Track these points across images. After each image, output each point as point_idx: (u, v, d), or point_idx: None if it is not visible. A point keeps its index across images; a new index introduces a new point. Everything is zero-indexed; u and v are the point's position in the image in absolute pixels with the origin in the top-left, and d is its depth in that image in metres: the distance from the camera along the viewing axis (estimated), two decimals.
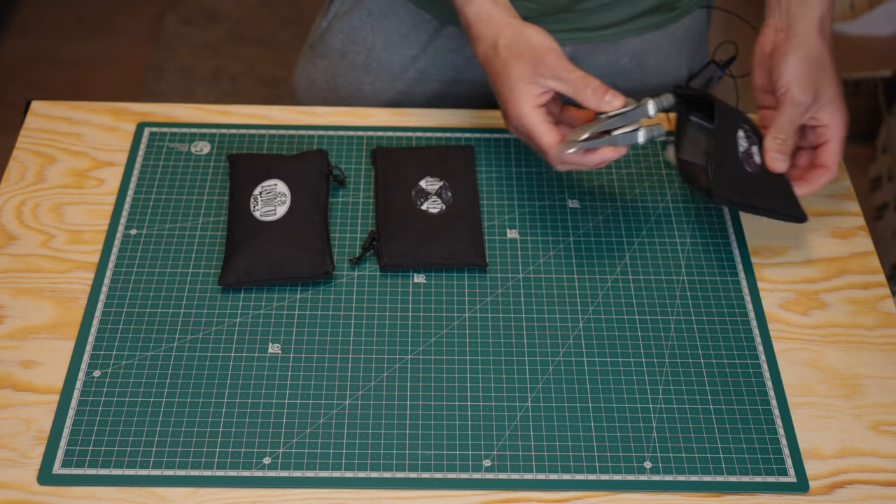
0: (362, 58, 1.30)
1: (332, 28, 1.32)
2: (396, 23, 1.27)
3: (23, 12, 2.86)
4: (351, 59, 1.31)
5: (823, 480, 0.94)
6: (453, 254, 1.07)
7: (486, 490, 0.92)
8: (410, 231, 1.08)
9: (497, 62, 1.05)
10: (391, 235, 1.08)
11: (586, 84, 1.03)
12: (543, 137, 1.04)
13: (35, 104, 1.22)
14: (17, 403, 0.97)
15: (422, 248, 1.07)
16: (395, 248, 1.07)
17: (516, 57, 1.04)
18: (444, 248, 1.07)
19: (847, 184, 1.18)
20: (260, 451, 0.94)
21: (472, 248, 1.08)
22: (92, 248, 1.09)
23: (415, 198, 1.11)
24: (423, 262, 1.06)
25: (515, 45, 1.05)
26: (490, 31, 1.06)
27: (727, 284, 1.08)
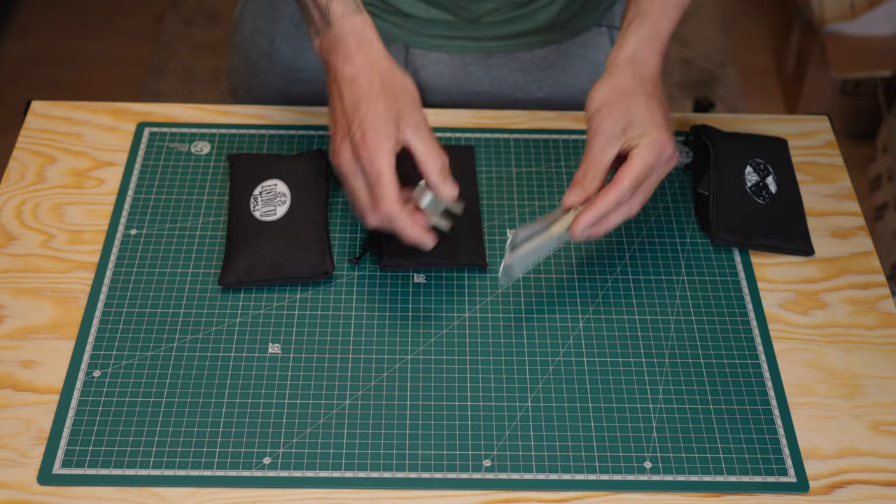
0: (266, 48, 1.29)
1: (243, 17, 1.32)
2: (289, 12, 1.26)
3: (23, 13, 2.86)
4: (259, 50, 1.30)
5: (823, 480, 0.94)
6: (453, 254, 1.07)
7: (486, 490, 0.92)
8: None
9: (365, 89, 0.97)
10: (391, 235, 1.08)
11: (439, 158, 0.97)
12: (391, 183, 0.96)
13: (35, 104, 1.22)
14: (17, 403, 0.97)
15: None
16: (395, 249, 1.07)
17: (389, 95, 0.97)
18: (444, 248, 1.07)
19: (847, 184, 1.18)
20: (260, 451, 0.94)
21: (472, 248, 1.08)
22: (92, 248, 1.09)
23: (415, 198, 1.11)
24: (422, 263, 1.06)
25: (391, 83, 0.98)
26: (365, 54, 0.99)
27: (727, 284, 1.08)
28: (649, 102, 1.00)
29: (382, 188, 0.96)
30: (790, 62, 2.69)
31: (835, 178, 1.19)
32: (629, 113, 0.99)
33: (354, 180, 0.98)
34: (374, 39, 1.00)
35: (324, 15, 0.99)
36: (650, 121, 0.99)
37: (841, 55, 2.43)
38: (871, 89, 2.51)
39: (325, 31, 1.00)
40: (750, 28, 2.91)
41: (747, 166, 1.14)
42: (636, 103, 0.99)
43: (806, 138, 1.23)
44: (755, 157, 1.15)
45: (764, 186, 1.13)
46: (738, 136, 1.17)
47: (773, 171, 1.15)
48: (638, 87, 1.00)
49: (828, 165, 1.20)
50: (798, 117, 1.25)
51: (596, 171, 0.99)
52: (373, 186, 0.96)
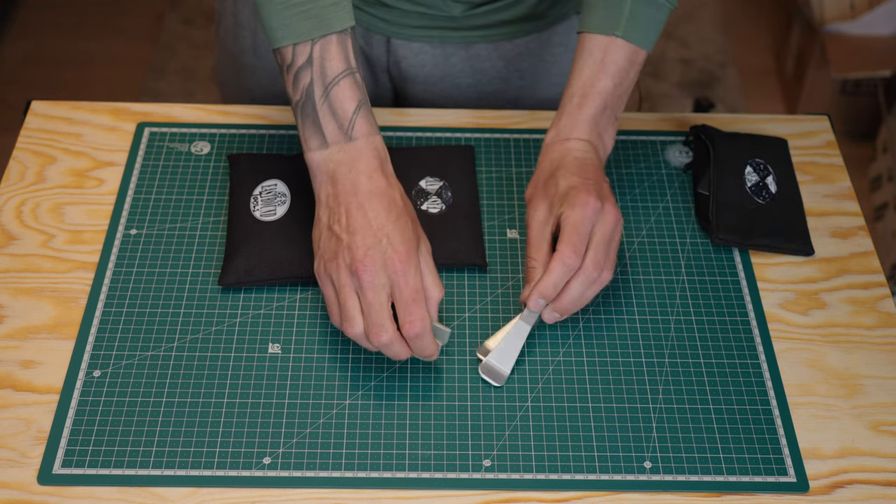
0: (249, 42, 1.29)
1: (224, 11, 1.32)
2: None
3: (23, 13, 2.86)
4: (242, 44, 1.30)
5: (823, 480, 0.94)
6: (453, 254, 1.07)
7: (486, 490, 0.92)
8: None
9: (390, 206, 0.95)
10: None
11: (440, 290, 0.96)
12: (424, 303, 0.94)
13: (35, 104, 1.22)
14: (17, 403, 0.97)
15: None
16: None
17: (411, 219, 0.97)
18: (444, 248, 1.07)
19: (847, 184, 1.18)
20: (260, 451, 0.94)
21: (472, 248, 1.08)
22: (92, 248, 1.09)
23: (415, 198, 1.11)
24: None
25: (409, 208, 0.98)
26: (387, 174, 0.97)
27: (727, 284, 1.08)
28: (567, 175, 1.01)
29: (420, 305, 0.93)
30: (790, 62, 2.69)
31: (835, 178, 1.19)
32: (549, 195, 1.01)
33: (377, 294, 0.93)
34: (389, 161, 0.98)
35: (344, 130, 0.96)
36: (568, 189, 0.99)
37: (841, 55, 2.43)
38: (871, 89, 2.51)
39: (342, 145, 0.96)
40: (750, 28, 2.92)
41: (747, 166, 1.14)
42: (553, 183, 1.01)
43: (806, 138, 1.23)
44: (755, 157, 1.15)
45: (764, 186, 1.13)
46: (738, 136, 1.18)
47: (773, 171, 1.15)
48: (556, 168, 1.02)
49: (828, 165, 1.20)
50: (798, 117, 1.25)
51: (539, 256, 1.00)
52: (410, 303, 0.93)
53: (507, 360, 1.00)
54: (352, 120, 0.97)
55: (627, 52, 1.04)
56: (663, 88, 2.72)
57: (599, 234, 0.98)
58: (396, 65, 1.27)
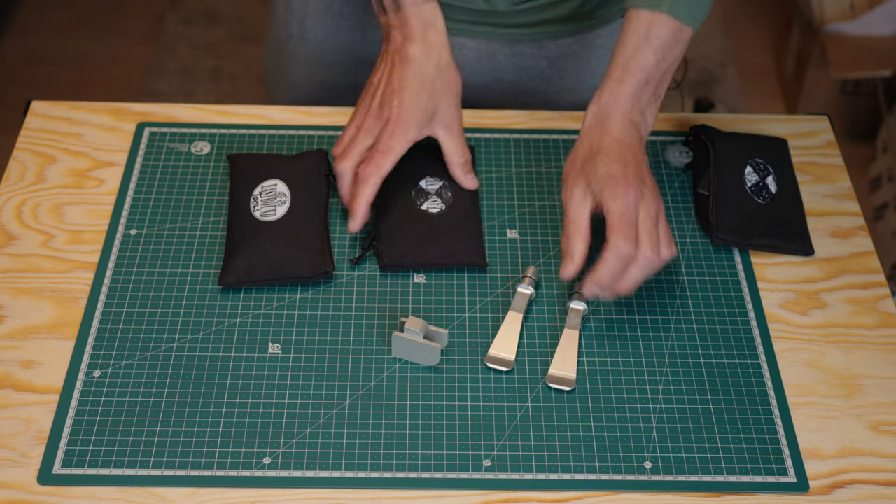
0: (297, 28, 1.32)
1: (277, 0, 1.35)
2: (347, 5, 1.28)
3: (23, 13, 2.86)
4: (290, 29, 1.33)
5: (823, 480, 0.94)
6: (453, 254, 1.07)
7: (486, 490, 0.92)
8: (410, 231, 1.08)
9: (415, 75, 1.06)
10: (391, 235, 1.08)
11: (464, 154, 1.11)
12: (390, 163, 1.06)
13: (35, 104, 1.22)
14: (17, 403, 0.97)
15: (421, 248, 1.07)
16: (395, 249, 1.07)
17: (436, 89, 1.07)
18: (444, 248, 1.07)
19: (847, 184, 1.18)
20: (260, 451, 0.94)
21: (471, 249, 1.08)
22: (92, 248, 1.09)
23: (415, 197, 1.11)
24: (422, 263, 1.06)
25: (441, 76, 1.08)
26: (428, 40, 1.07)
27: (727, 284, 1.08)
28: (607, 161, 1.00)
29: (381, 163, 1.06)
30: (790, 62, 2.69)
31: (835, 178, 1.19)
32: (587, 176, 1.01)
33: (365, 134, 1.07)
34: (438, 29, 1.07)
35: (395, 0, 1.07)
36: (608, 177, 0.99)
37: (841, 55, 2.43)
38: (871, 89, 2.51)
39: (395, 13, 1.07)
40: (750, 28, 2.91)
41: (747, 166, 1.14)
42: (592, 165, 1.01)
43: (806, 138, 1.23)
44: (755, 157, 1.15)
45: (764, 186, 1.13)
46: (738, 136, 1.18)
47: (773, 171, 1.15)
48: (597, 151, 1.01)
49: (828, 165, 1.20)
50: (798, 117, 1.25)
51: (577, 233, 1.00)
52: (375, 153, 1.06)
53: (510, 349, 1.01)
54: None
55: (672, 27, 1.04)
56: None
57: (645, 219, 0.99)
58: None
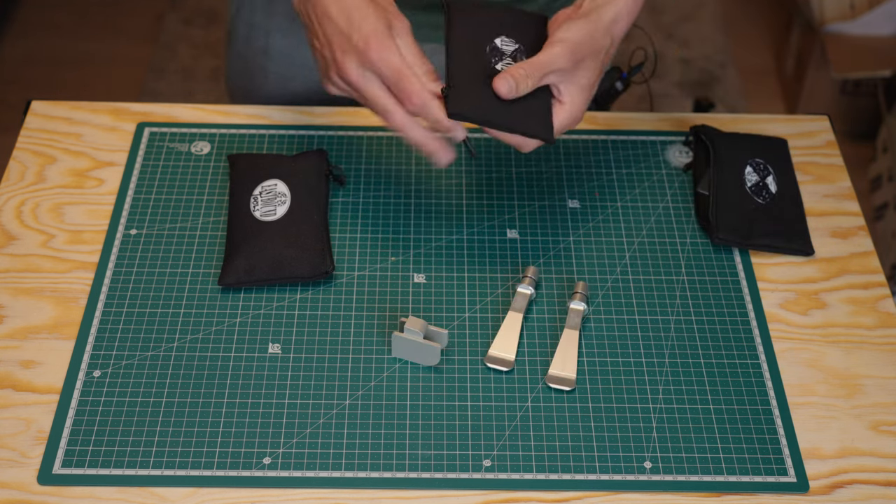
0: (262, 43, 1.30)
1: (238, 13, 1.33)
2: (284, 7, 1.27)
3: (23, 13, 2.86)
4: (255, 46, 1.32)
5: (823, 480, 0.94)
6: (523, 119, 1.01)
7: (486, 490, 0.92)
8: (483, 86, 1.01)
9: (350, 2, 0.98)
10: (462, 84, 1.01)
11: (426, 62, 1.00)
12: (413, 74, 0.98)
13: (35, 104, 1.22)
14: (17, 403, 0.97)
15: (491, 107, 1.00)
16: (466, 95, 1.00)
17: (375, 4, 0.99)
18: (515, 111, 1.00)
19: (847, 184, 1.18)
20: (260, 451, 0.94)
21: (539, 120, 1.02)
22: (92, 248, 1.09)
23: (489, 55, 1.04)
24: (490, 120, 1.00)
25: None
26: None
27: (727, 284, 1.08)
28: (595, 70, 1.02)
29: (408, 80, 0.97)
30: (790, 62, 2.69)
31: (835, 178, 1.19)
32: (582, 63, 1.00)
33: (369, 87, 0.98)
34: None
35: None
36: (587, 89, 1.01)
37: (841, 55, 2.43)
38: (871, 89, 2.51)
39: None
40: (750, 28, 2.91)
41: (747, 166, 1.14)
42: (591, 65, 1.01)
43: (806, 138, 1.23)
44: (755, 157, 1.15)
45: (764, 186, 1.13)
46: (738, 136, 1.18)
47: (773, 171, 1.15)
48: (600, 52, 1.02)
49: (828, 165, 1.20)
50: (798, 117, 1.25)
51: (536, 76, 0.99)
52: (398, 83, 0.97)
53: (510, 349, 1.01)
54: None
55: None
56: (663, 88, 2.72)
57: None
58: None
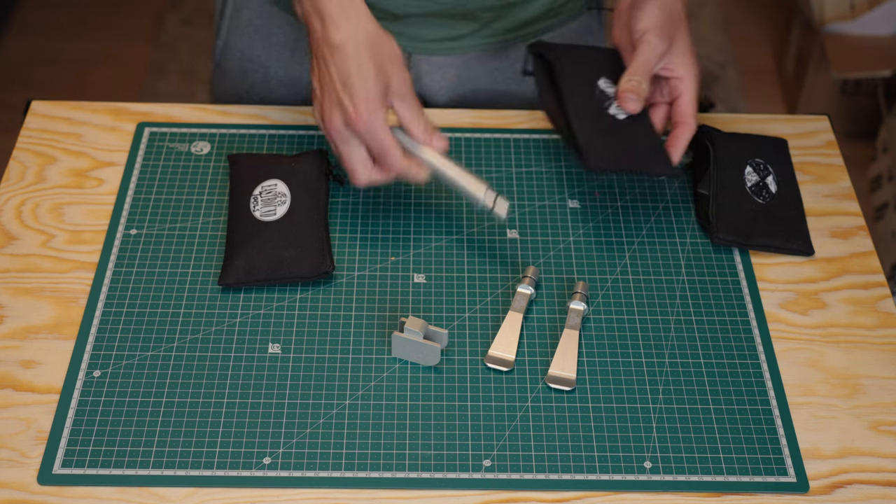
0: (261, 76, 1.29)
1: (229, 46, 1.30)
2: (283, 38, 1.26)
3: (23, 13, 2.86)
4: (251, 79, 1.30)
5: (823, 480, 0.94)
6: (647, 161, 1.07)
7: (486, 490, 0.92)
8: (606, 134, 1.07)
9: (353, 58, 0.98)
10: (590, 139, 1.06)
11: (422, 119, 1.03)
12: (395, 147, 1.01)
13: (35, 104, 1.22)
14: (17, 403, 0.97)
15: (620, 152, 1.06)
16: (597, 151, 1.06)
17: (377, 64, 0.99)
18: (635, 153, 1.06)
19: (847, 184, 1.18)
20: (260, 451, 0.94)
21: (661, 158, 1.08)
22: (92, 248, 1.09)
23: (598, 99, 1.10)
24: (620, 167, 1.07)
25: (378, 49, 0.99)
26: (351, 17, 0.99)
27: (727, 284, 1.08)
28: (689, 35, 1.10)
29: (390, 155, 1.00)
30: (790, 62, 2.69)
31: (835, 178, 1.19)
32: (673, 34, 1.08)
33: (345, 145, 1.01)
34: (354, 1, 1.00)
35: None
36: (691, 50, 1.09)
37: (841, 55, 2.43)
38: (871, 89, 2.51)
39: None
40: (750, 28, 2.91)
41: (747, 166, 1.14)
42: (680, 31, 1.08)
43: (806, 138, 1.23)
44: (755, 157, 1.15)
45: (764, 186, 1.13)
46: (738, 136, 1.18)
47: (773, 171, 1.15)
48: (682, 16, 1.10)
49: (828, 165, 1.20)
50: (798, 117, 1.25)
51: (646, 74, 1.07)
52: (380, 155, 1.01)
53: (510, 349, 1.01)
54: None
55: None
56: None
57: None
58: (418, 80, 1.26)
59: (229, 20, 1.29)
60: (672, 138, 1.10)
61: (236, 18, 1.28)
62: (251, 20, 1.26)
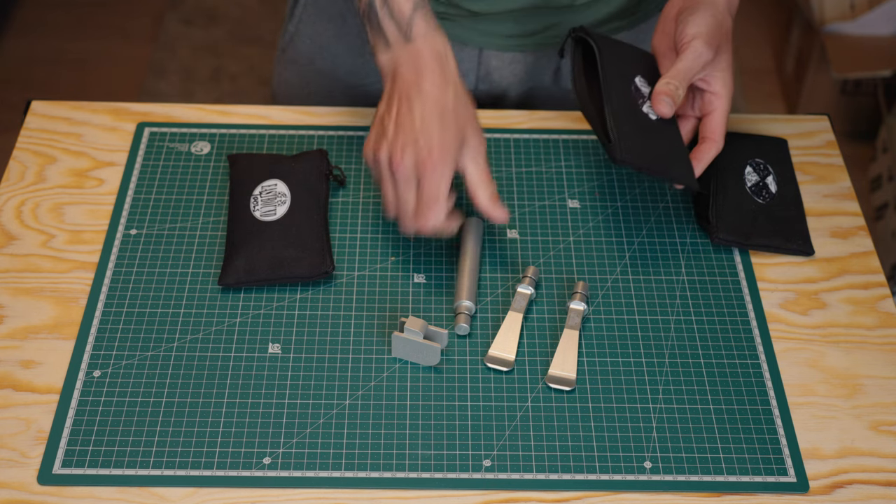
0: (329, 64, 1.30)
1: (299, 33, 1.31)
2: (356, 27, 1.26)
3: (23, 13, 2.86)
4: (319, 66, 1.31)
5: (823, 480, 0.94)
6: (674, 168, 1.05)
7: (486, 490, 0.92)
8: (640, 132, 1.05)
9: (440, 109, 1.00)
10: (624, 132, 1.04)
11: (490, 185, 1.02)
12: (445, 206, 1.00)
13: (35, 104, 1.22)
14: (17, 403, 0.97)
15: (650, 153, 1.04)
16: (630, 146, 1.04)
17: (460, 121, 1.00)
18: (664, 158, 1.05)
19: (847, 184, 1.18)
20: (260, 451, 0.94)
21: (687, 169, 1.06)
22: (92, 248, 1.09)
23: (634, 96, 1.08)
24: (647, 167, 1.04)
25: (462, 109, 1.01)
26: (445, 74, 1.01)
27: (727, 284, 1.08)
28: (732, 51, 1.08)
29: (438, 210, 0.99)
30: (790, 62, 2.69)
31: (835, 178, 1.19)
32: (720, 46, 1.06)
33: (406, 188, 1.00)
34: (451, 60, 1.02)
35: (402, 31, 1.01)
36: (731, 67, 1.08)
37: (841, 55, 2.43)
38: (871, 89, 2.51)
39: (403, 45, 1.02)
40: (750, 28, 2.91)
41: (747, 166, 1.14)
42: (725, 45, 1.07)
43: (806, 138, 1.23)
44: (755, 157, 1.15)
45: (764, 186, 1.13)
46: (738, 136, 1.18)
47: (773, 171, 1.15)
48: (729, 30, 1.08)
49: (828, 165, 1.20)
50: (798, 117, 1.25)
51: (685, 80, 1.05)
52: (427, 204, 0.99)
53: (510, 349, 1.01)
54: (409, 21, 1.01)
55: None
56: None
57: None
58: (488, 76, 1.27)
59: (304, 6, 1.30)
60: (696, 152, 1.08)
61: (312, 5, 1.29)
62: (326, 8, 1.27)
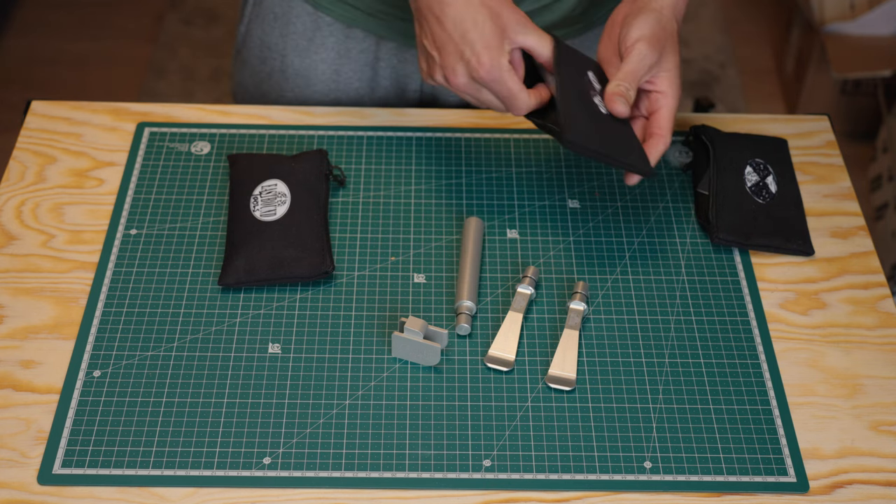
0: (278, 64, 1.30)
1: (250, 33, 1.32)
2: (301, 27, 1.26)
3: (23, 12, 2.86)
4: (269, 66, 1.31)
5: (823, 480, 0.94)
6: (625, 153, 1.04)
7: (486, 490, 0.93)
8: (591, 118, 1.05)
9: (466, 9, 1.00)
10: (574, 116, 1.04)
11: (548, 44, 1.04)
12: (522, 91, 1.02)
13: (35, 104, 1.22)
14: (17, 403, 0.97)
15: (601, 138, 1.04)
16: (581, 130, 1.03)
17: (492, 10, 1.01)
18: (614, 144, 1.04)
19: (847, 184, 1.18)
20: (260, 451, 0.94)
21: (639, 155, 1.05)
22: (92, 248, 1.09)
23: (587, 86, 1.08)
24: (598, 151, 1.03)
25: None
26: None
27: (727, 284, 1.08)
28: (678, 54, 1.08)
29: (518, 99, 1.02)
30: (790, 62, 2.69)
31: (835, 178, 1.19)
32: (664, 49, 1.06)
33: (480, 94, 1.03)
34: None
35: None
36: (677, 68, 1.07)
37: (841, 55, 2.43)
38: (871, 89, 2.51)
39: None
40: (750, 28, 2.91)
41: (747, 166, 1.14)
42: (670, 48, 1.06)
43: (806, 138, 1.23)
44: (755, 157, 1.15)
45: (764, 186, 1.13)
46: (738, 136, 1.18)
47: (773, 171, 1.15)
48: (674, 34, 1.07)
49: (828, 165, 1.20)
50: (798, 117, 1.25)
51: (633, 82, 1.05)
52: (506, 100, 1.02)
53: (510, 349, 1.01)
54: None
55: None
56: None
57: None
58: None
59: (252, 6, 1.30)
60: (645, 147, 1.07)
61: (259, 6, 1.29)
62: (272, 8, 1.27)
